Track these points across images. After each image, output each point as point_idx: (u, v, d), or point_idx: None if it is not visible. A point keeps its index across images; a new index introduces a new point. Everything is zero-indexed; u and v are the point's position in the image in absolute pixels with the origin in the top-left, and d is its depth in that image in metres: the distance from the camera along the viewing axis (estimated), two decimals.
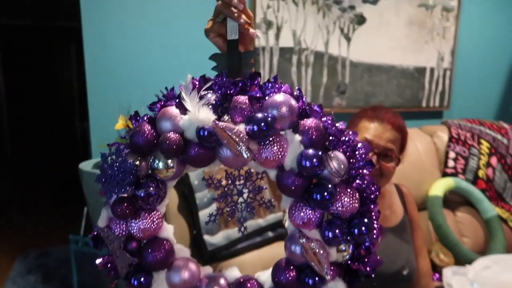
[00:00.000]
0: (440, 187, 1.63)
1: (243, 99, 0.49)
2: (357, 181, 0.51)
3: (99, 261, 0.55)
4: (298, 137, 0.49)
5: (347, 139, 0.52)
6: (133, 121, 0.54)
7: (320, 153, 0.48)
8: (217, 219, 0.56)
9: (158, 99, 0.54)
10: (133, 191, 0.52)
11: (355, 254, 0.52)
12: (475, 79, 2.23)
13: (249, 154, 0.46)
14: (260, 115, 0.47)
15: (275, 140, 0.49)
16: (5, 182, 4.24)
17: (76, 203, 2.13)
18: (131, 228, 0.53)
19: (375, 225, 0.53)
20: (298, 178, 0.49)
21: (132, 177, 0.50)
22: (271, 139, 0.48)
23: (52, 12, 4.16)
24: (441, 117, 2.19)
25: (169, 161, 0.50)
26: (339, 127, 0.52)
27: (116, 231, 0.54)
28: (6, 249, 2.57)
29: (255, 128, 0.46)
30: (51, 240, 2.65)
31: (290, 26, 1.72)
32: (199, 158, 0.50)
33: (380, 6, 1.86)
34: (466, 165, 1.77)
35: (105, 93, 1.47)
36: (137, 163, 0.51)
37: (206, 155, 0.50)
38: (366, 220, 0.51)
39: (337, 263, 0.51)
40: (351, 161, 0.52)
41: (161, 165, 0.50)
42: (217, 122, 0.46)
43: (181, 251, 0.56)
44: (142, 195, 0.51)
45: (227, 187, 0.53)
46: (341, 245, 0.51)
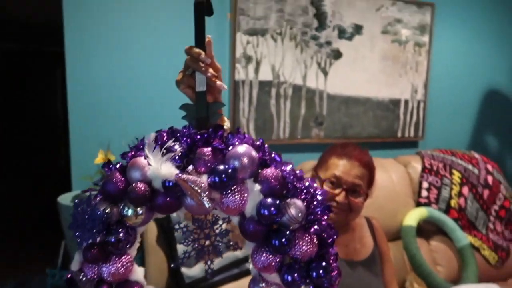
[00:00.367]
0: (413, 217, 1.68)
1: (207, 150, 0.53)
2: (315, 226, 0.55)
3: None
4: (258, 186, 0.53)
5: (306, 186, 0.56)
6: (106, 169, 0.58)
7: (277, 201, 0.51)
8: (191, 255, 0.59)
9: (130, 148, 0.58)
10: (104, 237, 0.54)
11: None
12: (448, 110, 2.32)
13: (210, 204, 0.50)
14: (221, 167, 0.51)
15: (236, 189, 0.52)
16: None
17: (55, 234, 2.11)
18: (102, 272, 0.55)
19: (333, 267, 0.56)
20: (257, 225, 0.52)
21: (102, 224, 0.53)
22: (233, 188, 0.52)
23: (38, 36, 4.19)
24: (417, 147, 2.27)
25: (138, 209, 0.53)
26: (298, 175, 0.56)
27: (88, 275, 0.56)
28: None
29: (217, 179, 0.50)
30: (29, 271, 2.60)
31: (269, 60, 1.79)
32: (166, 206, 0.53)
33: (355, 42, 1.95)
34: (438, 195, 1.83)
35: (87, 126, 1.50)
36: (108, 210, 0.53)
37: (172, 203, 0.53)
38: (324, 263, 0.55)
39: None
40: (310, 207, 0.56)
41: (130, 213, 0.53)
42: (179, 174, 0.50)
43: None
44: (112, 240, 0.54)
45: (194, 231, 0.57)
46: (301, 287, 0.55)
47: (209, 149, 0.53)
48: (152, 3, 1.61)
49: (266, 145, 0.58)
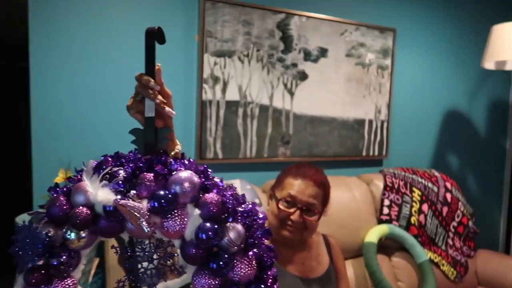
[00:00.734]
0: (374, 233, 1.74)
1: (149, 175, 0.55)
2: (255, 249, 0.58)
3: None
4: (197, 211, 0.55)
5: (247, 210, 0.59)
6: (52, 192, 0.59)
7: (215, 226, 0.54)
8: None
9: (76, 172, 0.60)
10: (47, 260, 0.55)
11: None
12: (410, 130, 2.42)
13: (149, 228, 0.52)
14: (162, 192, 0.53)
15: (177, 213, 0.55)
16: None
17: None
18: None
19: None
20: (197, 248, 0.54)
21: (44, 247, 0.54)
22: (173, 212, 0.54)
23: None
24: (381, 165, 2.34)
25: (81, 232, 0.55)
26: (240, 199, 0.59)
27: None
28: None
29: (156, 204, 0.52)
30: None
31: (236, 81, 1.83)
32: (108, 230, 0.55)
33: (320, 64, 2.02)
34: (399, 212, 1.89)
35: (49, 144, 1.49)
36: (51, 233, 0.55)
37: (114, 227, 0.55)
38: (262, 285, 0.57)
39: None
40: (250, 230, 0.58)
41: (73, 236, 0.55)
42: (118, 200, 0.52)
43: None
44: (54, 263, 0.55)
45: (136, 253, 0.58)
46: None
47: (152, 174, 0.56)
48: (119, 26, 1.63)
49: (210, 171, 0.61)
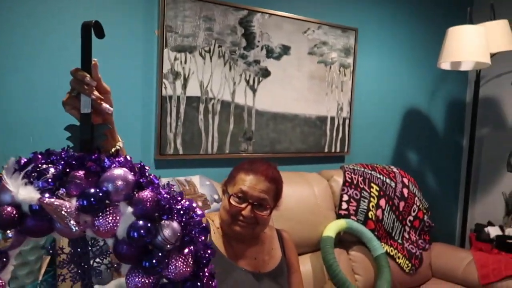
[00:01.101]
0: (332, 228, 1.78)
1: (80, 173, 0.54)
2: (191, 247, 0.58)
3: None
4: (130, 209, 0.55)
5: (184, 207, 0.59)
6: None
7: (148, 224, 0.54)
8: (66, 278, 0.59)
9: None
10: None
11: None
12: (372, 127, 2.48)
13: (78, 227, 0.51)
14: (92, 190, 0.52)
15: (109, 212, 0.54)
16: None
17: None
18: None
19: (210, 286, 0.59)
20: (129, 247, 0.54)
21: None
22: (105, 211, 0.54)
23: None
24: (343, 161, 2.39)
25: (7, 232, 0.53)
26: (177, 196, 0.59)
27: None
28: None
29: (85, 202, 0.51)
30: None
31: (197, 77, 1.81)
32: (36, 229, 0.53)
33: (283, 61, 2.04)
34: (357, 207, 1.94)
35: None
36: None
37: (43, 226, 0.53)
38: (198, 283, 0.57)
39: None
40: (186, 228, 0.58)
41: None
42: (43, 198, 0.51)
43: None
44: None
45: (70, 253, 0.57)
46: None
47: (83, 172, 0.55)
48: (69, 19, 1.58)
49: (147, 168, 0.60)
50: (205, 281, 0.58)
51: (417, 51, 2.62)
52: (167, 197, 0.58)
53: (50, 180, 0.54)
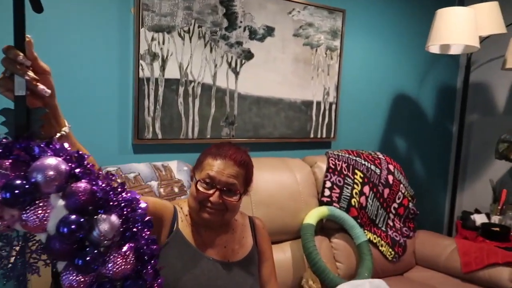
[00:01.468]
0: (313, 215, 1.74)
1: (6, 163, 0.49)
2: (132, 243, 0.53)
3: None
4: (62, 201, 0.50)
5: (125, 200, 0.54)
6: None
7: (81, 218, 0.49)
8: None
9: None
10: None
11: None
12: (359, 112, 2.44)
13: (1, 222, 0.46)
14: (17, 181, 0.47)
15: (39, 205, 0.49)
16: None
17: None
18: None
19: (153, 284, 0.55)
20: (62, 243, 0.49)
21: None
22: (35, 204, 0.49)
23: None
24: (330, 147, 2.35)
25: None
26: (119, 189, 0.54)
27: None
28: None
29: (8, 195, 0.47)
30: None
31: (176, 58, 1.75)
32: None
33: (266, 43, 1.97)
34: (340, 194, 1.91)
35: None
36: None
37: None
38: (140, 281, 0.53)
39: None
40: (128, 222, 0.54)
41: None
42: None
43: None
44: None
45: (2, 248, 0.53)
46: None
47: (9, 161, 0.50)
48: None
49: (86, 156, 0.55)
50: (149, 278, 0.54)
51: (407, 34, 2.55)
52: (106, 188, 0.53)
53: None
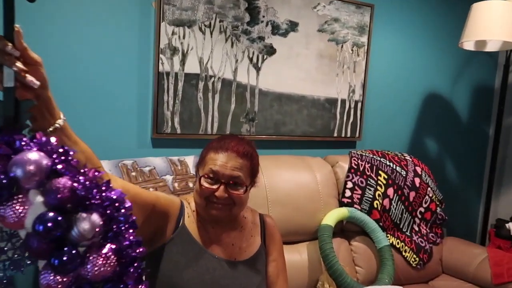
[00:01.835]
0: (332, 217, 1.68)
1: None
2: (113, 244, 0.51)
3: None
4: (41, 198, 0.48)
5: (109, 198, 0.52)
6: None
7: (58, 216, 0.47)
8: None
9: None
10: None
11: None
12: (387, 111, 2.33)
13: None
14: None
15: (17, 200, 0.47)
16: None
17: None
18: None
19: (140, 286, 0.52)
20: (40, 241, 0.47)
21: None
22: (13, 199, 0.47)
23: None
24: (355, 147, 2.27)
25: None
26: (103, 186, 0.52)
27: None
28: None
29: None
30: None
31: (196, 53, 1.73)
32: None
33: (289, 38, 1.92)
34: (362, 195, 1.83)
35: None
36: None
37: None
38: (122, 285, 0.51)
39: None
40: (111, 222, 0.51)
41: None
42: None
43: None
44: None
45: None
46: None
47: None
48: None
49: (71, 152, 0.53)
50: (131, 282, 0.51)
51: (439, 30, 2.42)
52: (88, 186, 0.50)
53: None
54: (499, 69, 2.65)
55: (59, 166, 0.50)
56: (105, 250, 0.50)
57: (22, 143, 0.49)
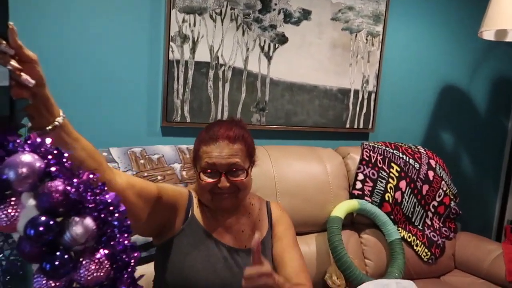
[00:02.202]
0: (342, 208, 1.66)
1: None
2: (106, 248, 0.50)
3: None
4: (33, 201, 0.47)
5: (103, 202, 0.51)
6: None
7: (50, 220, 0.46)
8: None
9: None
10: None
11: None
12: (401, 103, 2.27)
13: None
14: None
15: (9, 203, 0.47)
16: None
17: None
18: None
19: None
20: (33, 245, 0.47)
21: None
22: (5, 202, 0.46)
23: None
24: (367, 139, 2.22)
25: None
26: (97, 189, 0.51)
27: None
28: None
29: None
30: None
31: (207, 41, 1.70)
32: None
33: (302, 27, 1.87)
34: (373, 187, 1.80)
35: None
36: None
37: None
38: None
39: None
40: (105, 226, 0.50)
41: None
42: None
43: None
44: None
45: None
46: None
47: None
48: None
49: (66, 154, 0.52)
50: (124, 287, 0.51)
51: (457, 19, 2.32)
52: (82, 188, 0.49)
53: None
54: None
55: (53, 168, 0.49)
56: (99, 255, 0.49)
57: (15, 145, 0.48)
